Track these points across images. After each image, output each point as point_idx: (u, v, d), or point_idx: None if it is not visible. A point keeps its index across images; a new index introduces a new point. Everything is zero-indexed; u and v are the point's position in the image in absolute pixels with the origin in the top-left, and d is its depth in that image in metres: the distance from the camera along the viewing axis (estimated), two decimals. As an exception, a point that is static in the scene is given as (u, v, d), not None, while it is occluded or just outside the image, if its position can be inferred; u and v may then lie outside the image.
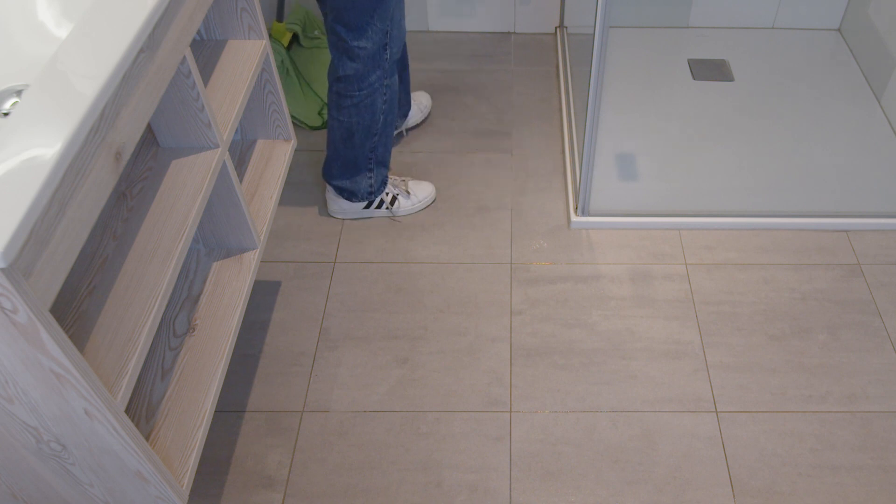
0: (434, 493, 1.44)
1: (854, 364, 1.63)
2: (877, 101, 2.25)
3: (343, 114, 1.73)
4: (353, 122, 1.73)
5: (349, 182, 1.84)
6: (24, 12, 1.05)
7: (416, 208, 1.95)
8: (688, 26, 2.56)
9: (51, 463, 1.04)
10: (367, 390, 1.60)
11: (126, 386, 0.99)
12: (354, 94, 1.69)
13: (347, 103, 1.71)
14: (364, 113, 1.72)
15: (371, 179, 1.85)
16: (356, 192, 1.86)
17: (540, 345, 1.67)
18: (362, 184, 1.85)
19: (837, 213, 1.90)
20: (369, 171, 1.83)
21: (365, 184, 1.85)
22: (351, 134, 1.75)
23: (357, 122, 1.73)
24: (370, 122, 1.74)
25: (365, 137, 1.76)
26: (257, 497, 1.44)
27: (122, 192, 1.21)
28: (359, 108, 1.71)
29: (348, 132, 1.75)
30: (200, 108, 1.21)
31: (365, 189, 1.86)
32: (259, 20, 1.45)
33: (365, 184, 1.85)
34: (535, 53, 2.50)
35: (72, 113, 0.85)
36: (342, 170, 1.82)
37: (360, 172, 1.83)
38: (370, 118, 1.73)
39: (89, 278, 1.09)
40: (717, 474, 1.46)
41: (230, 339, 1.30)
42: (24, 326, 0.81)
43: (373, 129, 1.76)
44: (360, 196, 1.87)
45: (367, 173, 1.83)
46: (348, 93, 1.69)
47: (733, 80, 2.34)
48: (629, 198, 1.97)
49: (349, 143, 1.77)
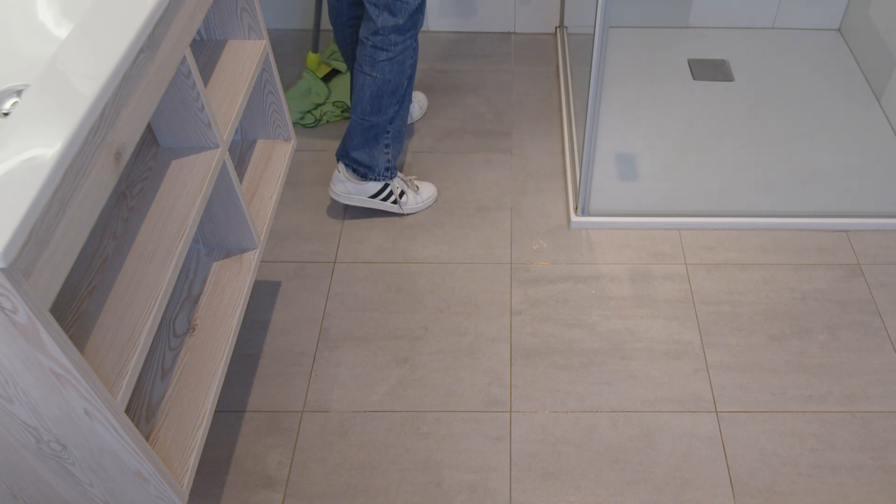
0: (434, 493, 1.44)
1: (854, 364, 1.63)
2: (877, 101, 2.25)
3: (377, 69, 1.73)
4: (384, 80, 1.74)
5: (367, 155, 1.83)
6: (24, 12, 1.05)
7: (419, 207, 1.95)
8: (688, 26, 2.56)
9: (51, 463, 1.04)
10: (367, 390, 1.60)
11: (126, 386, 0.99)
12: (391, 49, 1.70)
13: (383, 57, 1.71)
14: (395, 71, 1.73)
15: (388, 155, 1.85)
16: (373, 167, 1.85)
17: (540, 345, 1.67)
18: (380, 159, 1.84)
19: (837, 213, 1.90)
20: (386, 148, 1.83)
21: (382, 159, 1.84)
22: (381, 94, 1.76)
23: (388, 81, 1.74)
24: (398, 83, 1.75)
25: (391, 101, 1.77)
26: (257, 497, 1.44)
27: (122, 192, 1.21)
28: (392, 63, 1.72)
29: (379, 91, 1.75)
30: (200, 108, 1.21)
31: (382, 165, 1.85)
32: (259, 20, 1.45)
33: (382, 159, 1.84)
34: (535, 53, 2.50)
35: (72, 113, 0.85)
36: (363, 140, 1.81)
37: (377, 145, 1.82)
38: (399, 78, 1.75)
39: (89, 278, 1.09)
40: (717, 474, 1.46)
41: (230, 339, 1.30)
42: (24, 326, 0.81)
43: (398, 92, 1.77)
44: (376, 172, 1.85)
45: (384, 149, 1.83)
46: (385, 46, 1.69)
47: (733, 80, 2.34)
48: (629, 198, 1.97)
49: (377, 106, 1.77)
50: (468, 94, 2.33)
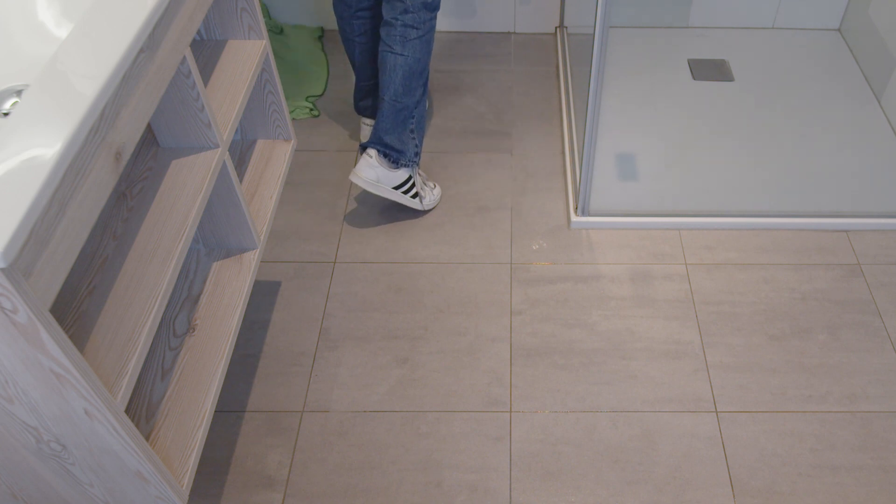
0: (434, 493, 1.44)
1: (854, 364, 1.63)
2: (877, 101, 2.25)
3: (408, 48, 1.76)
4: (415, 59, 1.78)
5: (398, 140, 1.85)
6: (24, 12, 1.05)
7: (431, 204, 1.98)
8: (688, 26, 2.56)
9: (51, 463, 1.04)
10: (367, 390, 1.60)
11: (126, 386, 0.99)
12: (421, 27, 1.74)
13: (413, 36, 1.75)
14: (424, 49, 1.78)
15: (415, 140, 1.87)
16: (404, 152, 1.86)
17: (540, 345, 1.67)
18: (409, 144, 1.86)
19: (837, 213, 1.90)
20: (412, 133, 1.86)
21: (411, 144, 1.87)
22: (412, 73, 1.79)
23: (418, 60, 1.78)
24: (426, 62, 1.79)
25: (419, 81, 1.81)
26: (257, 497, 1.44)
27: (122, 192, 1.21)
28: (422, 42, 1.76)
29: (410, 71, 1.79)
30: (200, 108, 1.21)
31: (412, 150, 1.87)
32: (259, 20, 1.45)
33: (411, 144, 1.87)
34: (535, 53, 2.50)
35: (72, 113, 0.85)
36: (394, 124, 1.84)
37: (405, 130, 1.85)
38: (427, 57, 1.79)
39: (89, 278, 1.10)
40: (717, 474, 1.46)
41: (230, 339, 1.30)
42: (24, 326, 0.81)
43: (425, 72, 1.81)
44: (407, 157, 1.86)
45: (411, 133, 1.86)
46: (416, 24, 1.74)
47: (733, 80, 2.34)
48: (629, 198, 1.97)
49: (408, 86, 1.80)
50: (468, 94, 2.33)
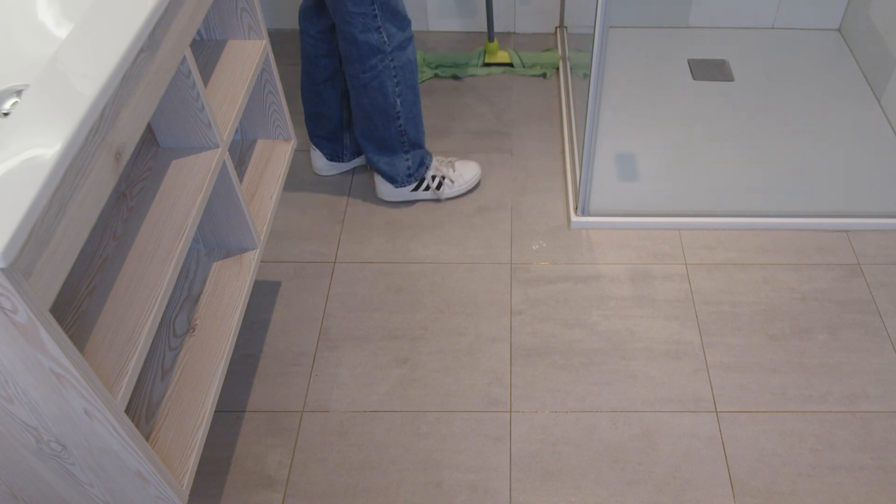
0: (434, 493, 1.44)
1: (854, 364, 1.63)
2: (877, 101, 2.25)
3: (356, 95, 1.75)
4: (365, 105, 1.75)
5: (387, 165, 1.86)
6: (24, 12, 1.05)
7: (462, 190, 1.97)
8: (688, 26, 2.56)
9: (51, 463, 1.04)
10: (367, 390, 1.60)
11: (126, 386, 0.99)
12: (359, 77, 1.70)
13: (355, 84, 1.72)
14: (374, 95, 1.73)
15: (408, 161, 1.86)
16: (395, 176, 1.88)
17: (540, 345, 1.67)
18: (399, 167, 1.86)
19: (837, 213, 1.90)
20: (405, 154, 1.85)
21: (402, 167, 1.86)
22: (370, 117, 1.77)
23: (370, 105, 1.74)
24: (384, 105, 1.74)
25: (385, 120, 1.78)
26: (257, 497, 1.44)
27: (122, 192, 1.21)
28: (368, 90, 1.72)
29: (367, 115, 1.77)
30: (200, 108, 1.21)
31: (403, 172, 1.87)
32: (259, 20, 1.45)
33: (402, 167, 1.86)
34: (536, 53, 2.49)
35: (72, 113, 0.85)
36: (378, 153, 1.84)
37: (396, 155, 1.84)
38: (383, 101, 1.74)
39: (89, 278, 1.10)
40: (717, 474, 1.46)
41: (230, 339, 1.30)
42: (24, 326, 0.81)
43: (389, 111, 1.76)
44: (399, 180, 1.89)
45: (404, 156, 1.85)
46: (354, 75, 1.71)
47: (733, 80, 2.34)
48: (629, 198, 1.97)
49: (371, 126, 1.79)
50: (468, 94, 2.33)
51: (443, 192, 1.95)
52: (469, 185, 1.98)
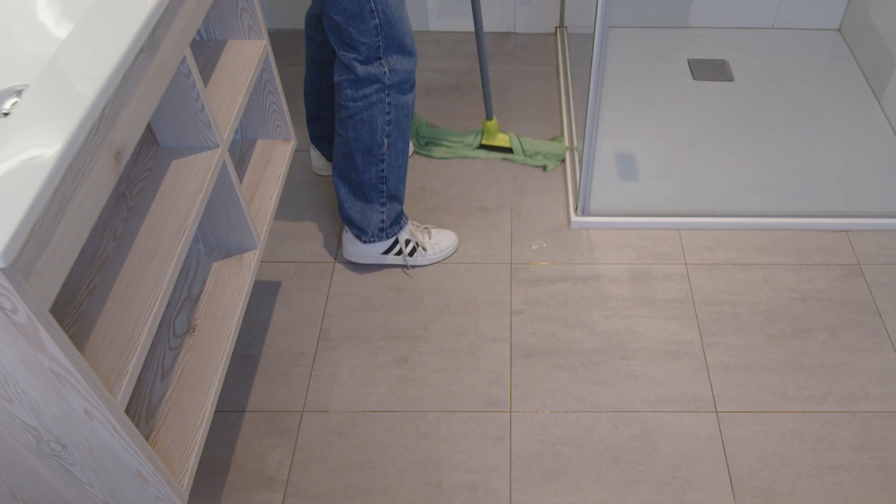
0: (434, 493, 1.44)
1: (854, 364, 1.63)
2: (877, 101, 2.25)
3: (342, 127, 1.62)
4: (350, 139, 1.61)
5: (359, 214, 1.71)
6: (24, 12, 1.05)
7: (435, 259, 1.83)
8: (688, 26, 2.56)
9: (51, 463, 1.04)
10: (367, 390, 1.60)
11: (126, 386, 0.99)
12: (349, 105, 1.58)
13: (344, 114, 1.60)
14: (361, 129, 1.59)
15: (382, 215, 1.71)
16: (365, 229, 1.73)
17: (540, 345, 1.67)
18: (373, 219, 1.71)
19: (837, 213, 1.90)
20: (381, 206, 1.70)
21: (375, 219, 1.71)
22: (351, 153, 1.63)
23: (354, 139, 1.61)
24: (370, 141, 1.61)
25: (367, 161, 1.63)
26: (257, 497, 1.44)
27: (122, 192, 1.21)
28: (355, 121, 1.59)
29: (348, 150, 1.63)
30: (200, 108, 1.21)
31: (375, 225, 1.72)
32: (259, 20, 1.45)
33: (375, 219, 1.71)
34: (535, 53, 2.50)
35: (72, 113, 0.85)
36: (353, 199, 1.70)
37: (370, 205, 1.69)
38: (369, 136, 1.60)
39: (89, 278, 1.09)
40: (717, 474, 1.46)
41: (230, 339, 1.30)
42: (24, 326, 0.81)
43: (374, 151, 1.62)
44: (369, 234, 1.74)
45: (379, 208, 1.70)
46: (344, 102, 1.58)
47: (733, 80, 2.34)
48: (629, 198, 1.97)
49: (351, 164, 1.65)
50: (468, 93, 2.33)
51: (415, 260, 1.80)
52: (444, 255, 1.84)
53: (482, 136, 2.07)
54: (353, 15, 1.46)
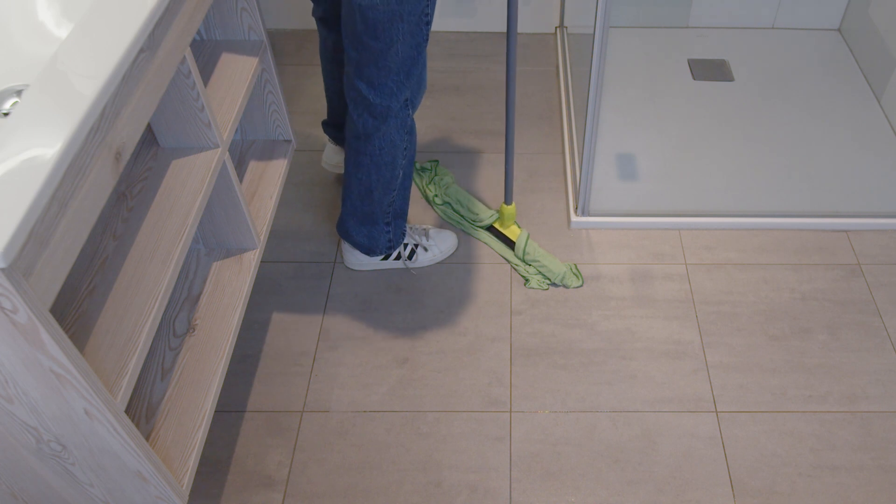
0: (434, 493, 1.44)
1: (854, 364, 1.63)
2: (877, 101, 2.25)
3: (362, 172, 1.58)
4: (371, 181, 1.59)
5: (366, 238, 1.71)
6: (24, 12, 1.05)
7: (436, 259, 1.82)
8: (688, 26, 2.56)
9: (51, 463, 1.04)
10: (367, 390, 1.60)
11: (126, 386, 0.99)
12: (374, 153, 1.54)
13: (366, 162, 1.56)
14: (383, 170, 1.58)
15: (389, 234, 1.72)
16: (374, 248, 1.73)
17: (540, 345, 1.67)
18: (380, 239, 1.72)
19: (837, 213, 1.90)
20: (387, 225, 1.70)
21: (383, 239, 1.72)
22: (370, 192, 1.61)
23: (376, 180, 1.59)
24: (389, 178, 1.60)
25: (384, 194, 1.63)
26: (257, 497, 1.44)
27: (122, 192, 1.21)
28: (378, 165, 1.56)
29: (367, 190, 1.61)
30: (200, 108, 1.21)
31: (384, 244, 1.73)
32: (259, 20, 1.45)
33: (383, 239, 1.72)
34: (535, 53, 2.50)
35: (72, 113, 0.86)
36: (359, 226, 1.70)
37: (377, 226, 1.69)
38: (389, 175, 1.59)
39: (89, 278, 1.09)
40: (717, 474, 1.46)
41: (230, 339, 1.30)
42: (24, 326, 0.81)
43: (392, 185, 1.62)
44: (378, 251, 1.74)
45: (385, 227, 1.70)
46: (367, 151, 1.54)
47: (733, 80, 2.34)
48: (629, 198, 1.97)
49: (368, 200, 1.64)
50: (468, 93, 2.33)
51: (416, 261, 1.80)
52: (444, 256, 1.83)
53: (496, 220, 1.90)
54: (381, 52, 1.38)
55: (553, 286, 1.78)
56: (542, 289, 1.78)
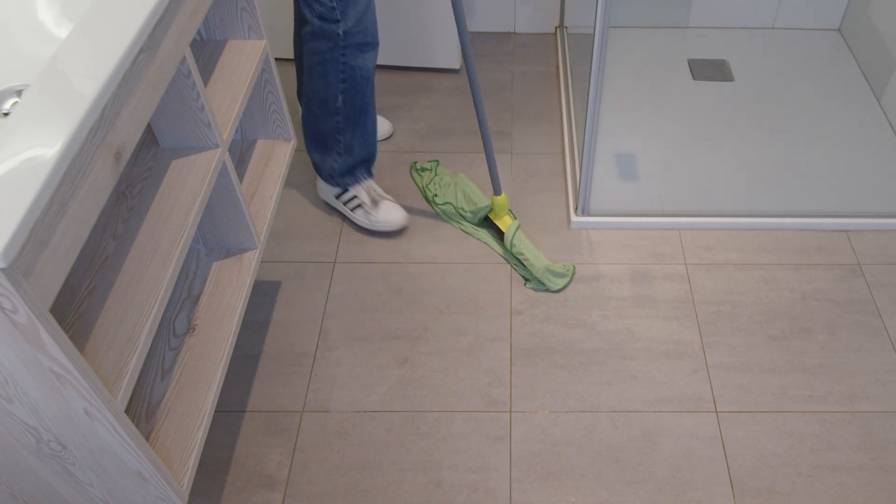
0: (434, 493, 1.44)
1: (854, 364, 1.63)
2: (877, 101, 2.25)
3: (305, 73, 1.71)
4: (308, 87, 1.70)
5: (319, 157, 1.83)
6: (24, 12, 1.05)
7: (373, 227, 1.88)
8: (688, 26, 2.56)
9: (51, 463, 1.04)
10: (367, 390, 1.60)
11: (126, 386, 0.99)
12: (309, 57, 1.65)
13: (307, 63, 1.67)
14: (316, 81, 1.67)
15: (335, 163, 1.81)
16: (321, 169, 1.85)
17: (540, 345, 1.67)
18: (327, 162, 1.82)
19: (837, 213, 1.90)
20: (338, 156, 1.80)
21: (329, 163, 1.82)
22: (310, 100, 1.72)
23: (311, 89, 1.69)
24: (324, 94, 1.68)
25: (323, 111, 1.72)
26: (257, 497, 1.44)
27: (122, 192, 1.21)
28: (311, 72, 1.67)
29: (308, 97, 1.72)
30: (200, 108, 1.21)
31: (328, 169, 1.83)
32: (259, 20, 1.45)
33: (329, 163, 1.82)
34: (535, 53, 2.50)
35: (72, 113, 0.86)
36: (311, 138, 1.80)
37: (329, 151, 1.80)
38: (323, 90, 1.68)
39: (89, 278, 1.10)
40: (717, 474, 1.46)
41: (230, 339, 1.30)
42: (24, 326, 0.81)
43: (329, 105, 1.70)
44: (323, 174, 1.86)
45: (336, 156, 1.80)
46: (307, 52, 1.65)
47: (733, 80, 2.34)
48: (629, 198, 1.97)
49: (310, 110, 1.74)
50: (468, 93, 2.33)
51: (354, 217, 1.89)
52: (382, 227, 1.87)
53: (490, 211, 1.89)
54: None
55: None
56: (527, 284, 1.79)
